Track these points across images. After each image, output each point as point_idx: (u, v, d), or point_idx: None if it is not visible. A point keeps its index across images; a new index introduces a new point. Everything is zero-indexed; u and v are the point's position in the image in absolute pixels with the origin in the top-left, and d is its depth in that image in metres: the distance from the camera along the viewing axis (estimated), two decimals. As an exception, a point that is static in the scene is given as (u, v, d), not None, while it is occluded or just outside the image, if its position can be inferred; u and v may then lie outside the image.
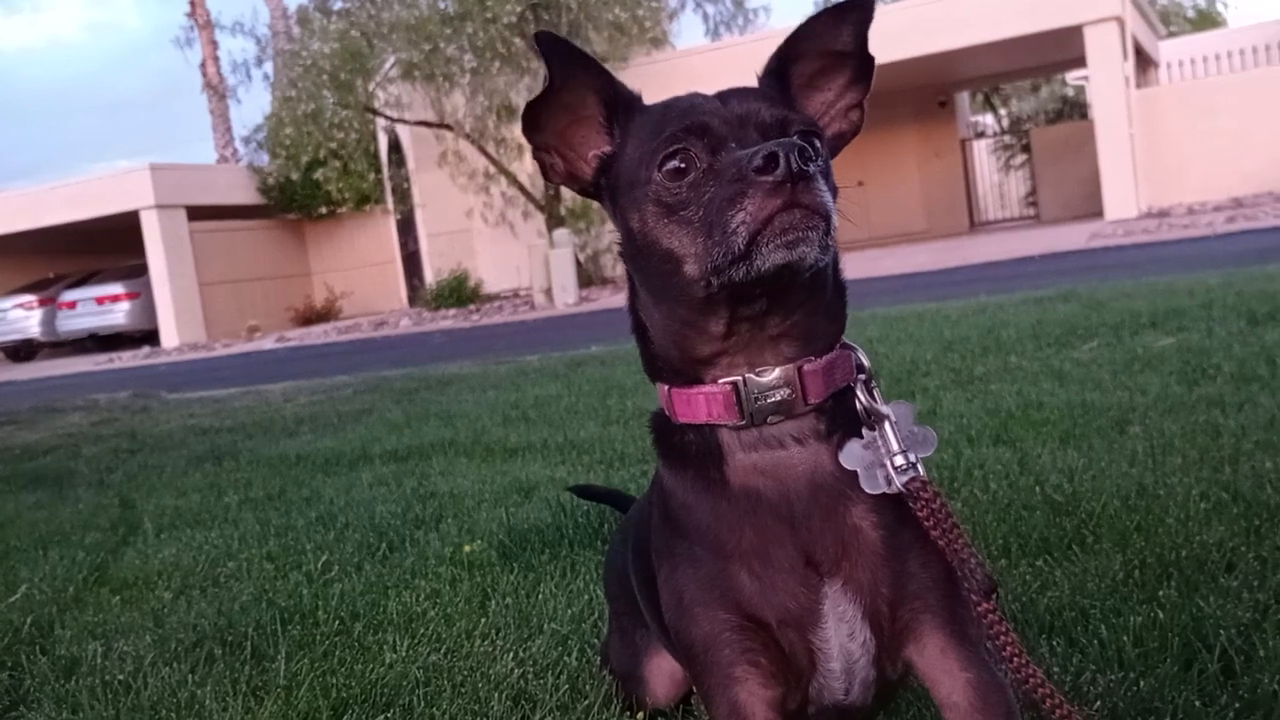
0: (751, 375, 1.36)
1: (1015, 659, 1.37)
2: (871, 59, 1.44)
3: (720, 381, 1.37)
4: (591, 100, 1.41)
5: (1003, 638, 1.37)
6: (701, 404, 1.39)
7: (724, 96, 1.39)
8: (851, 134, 1.49)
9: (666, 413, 1.46)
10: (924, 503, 1.37)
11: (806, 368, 1.37)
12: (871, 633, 1.40)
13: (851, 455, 1.37)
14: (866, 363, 1.44)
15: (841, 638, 1.39)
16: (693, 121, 1.33)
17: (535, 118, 1.41)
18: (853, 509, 1.38)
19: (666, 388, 1.44)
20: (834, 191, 1.35)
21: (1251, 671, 1.88)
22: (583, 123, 1.42)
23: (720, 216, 1.24)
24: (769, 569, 1.38)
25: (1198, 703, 1.79)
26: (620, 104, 1.42)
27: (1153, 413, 3.81)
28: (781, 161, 1.21)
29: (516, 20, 19.60)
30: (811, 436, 1.39)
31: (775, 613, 1.39)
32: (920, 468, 1.38)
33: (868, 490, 1.37)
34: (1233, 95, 19.86)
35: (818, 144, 1.34)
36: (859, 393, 1.41)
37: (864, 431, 1.39)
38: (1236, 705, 1.77)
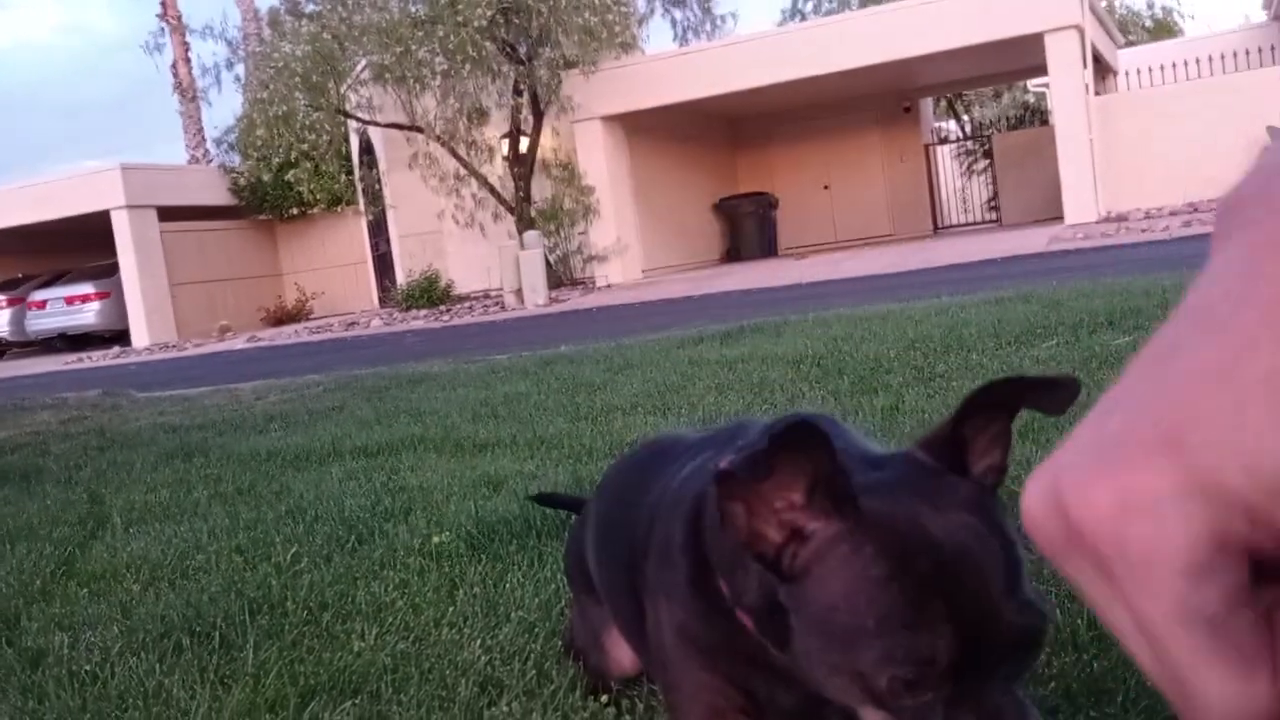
0: None
1: None
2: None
3: None
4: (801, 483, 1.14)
5: None
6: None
7: (959, 544, 1.08)
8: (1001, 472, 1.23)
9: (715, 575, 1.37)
10: None
11: None
12: None
13: None
14: None
15: None
16: (945, 662, 1.05)
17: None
18: None
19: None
20: None
21: (1199, 653, 1.93)
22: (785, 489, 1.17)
23: None
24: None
25: (1149, 684, 1.83)
26: (827, 488, 1.13)
27: (1111, 408, 3.87)
28: None
29: (487, 24, 19.59)
30: None
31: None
32: None
33: None
34: (1189, 103, 20.10)
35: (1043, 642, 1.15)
36: None
37: None
38: (1184, 685, 1.82)
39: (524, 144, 21.38)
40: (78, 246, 28.15)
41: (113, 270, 25.91)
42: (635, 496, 1.71)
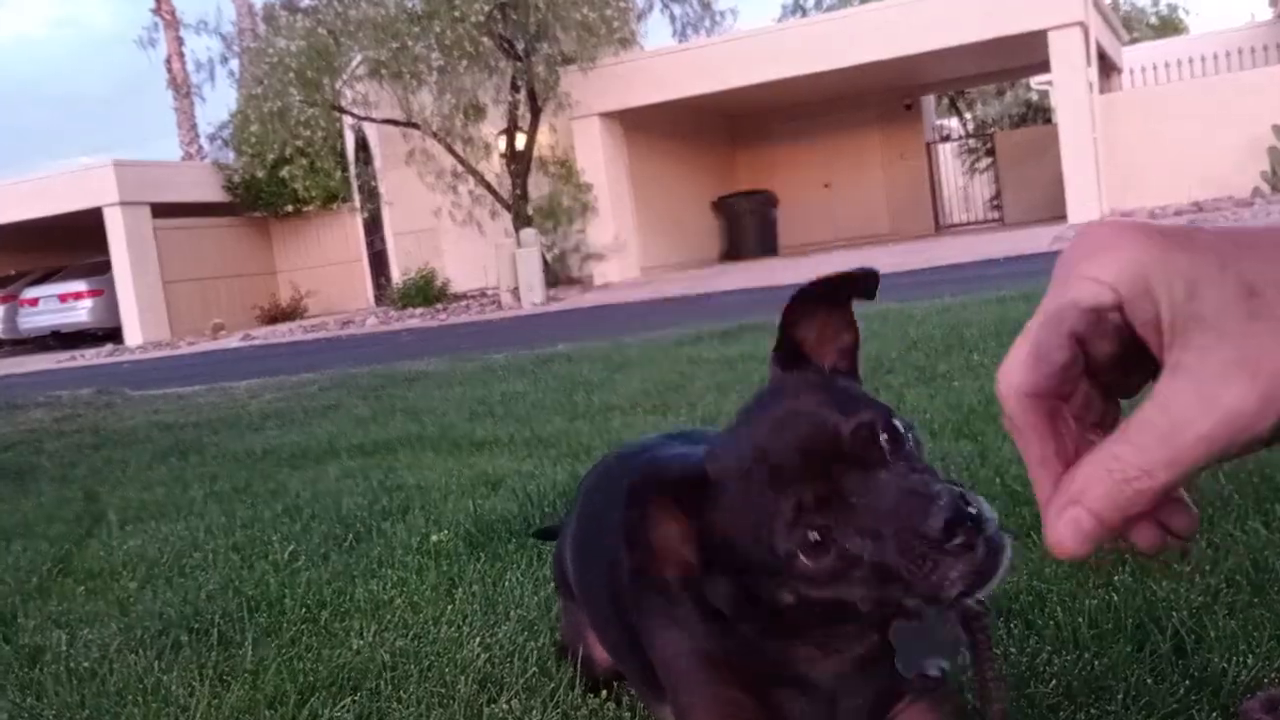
0: None
1: None
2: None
3: None
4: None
5: None
6: None
7: (781, 422, 1.23)
8: (852, 356, 1.38)
9: None
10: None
11: None
12: None
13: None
14: None
15: None
16: (797, 500, 1.18)
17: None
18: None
19: None
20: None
21: (1202, 651, 1.92)
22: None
23: (909, 576, 1.13)
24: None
25: (1149, 680, 1.84)
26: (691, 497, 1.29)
27: (1111, 407, 3.87)
28: (962, 533, 1.10)
29: (484, 19, 19.56)
30: None
31: None
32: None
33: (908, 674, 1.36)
34: (1194, 101, 20.10)
35: (899, 427, 1.22)
36: None
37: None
38: (1186, 683, 1.81)
39: (521, 141, 21.35)
40: (70, 243, 28.06)
41: (105, 267, 25.85)
42: (606, 512, 1.71)
